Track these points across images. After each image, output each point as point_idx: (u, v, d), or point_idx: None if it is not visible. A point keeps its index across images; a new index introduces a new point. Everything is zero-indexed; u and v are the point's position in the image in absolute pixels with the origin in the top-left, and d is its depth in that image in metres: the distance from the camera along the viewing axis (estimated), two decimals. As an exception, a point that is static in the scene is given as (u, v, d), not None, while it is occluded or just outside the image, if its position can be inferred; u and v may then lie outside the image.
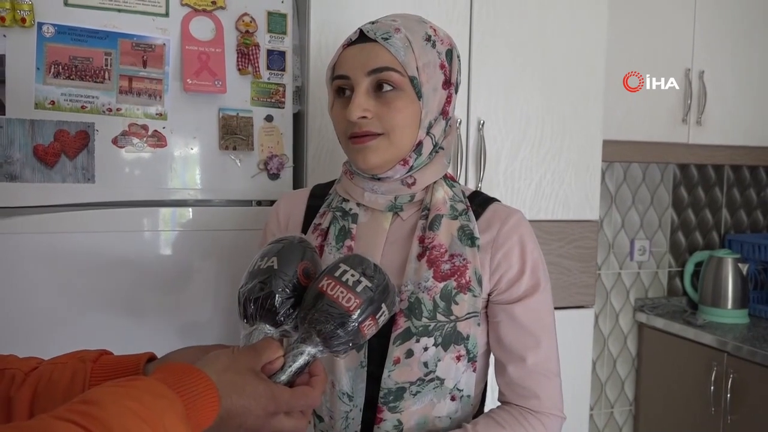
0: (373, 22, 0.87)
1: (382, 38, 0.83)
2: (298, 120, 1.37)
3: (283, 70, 1.29)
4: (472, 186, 1.48)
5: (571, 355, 0.92)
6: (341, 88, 0.87)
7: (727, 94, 2.03)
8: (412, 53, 0.84)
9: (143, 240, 1.23)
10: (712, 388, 1.95)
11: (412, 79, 0.84)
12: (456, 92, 0.92)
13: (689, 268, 2.35)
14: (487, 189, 1.48)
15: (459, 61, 0.92)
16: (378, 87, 0.84)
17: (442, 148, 0.91)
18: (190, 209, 1.26)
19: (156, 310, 1.24)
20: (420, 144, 0.87)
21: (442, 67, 0.87)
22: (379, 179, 0.88)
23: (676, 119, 1.97)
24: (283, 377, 0.67)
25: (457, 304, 0.84)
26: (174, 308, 1.25)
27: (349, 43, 0.86)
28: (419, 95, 0.85)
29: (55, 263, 1.16)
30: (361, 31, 0.86)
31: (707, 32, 1.99)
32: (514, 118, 1.51)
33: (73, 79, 1.14)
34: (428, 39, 0.87)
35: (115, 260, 1.20)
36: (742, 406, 1.89)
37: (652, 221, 2.35)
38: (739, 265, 2.18)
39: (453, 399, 0.87)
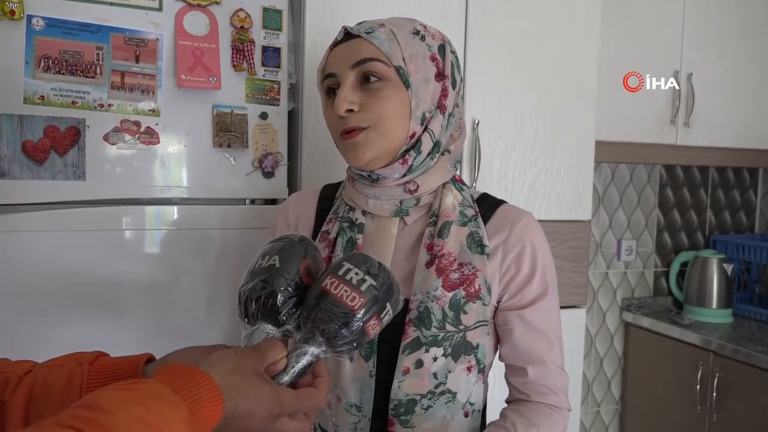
0: (360, 23, 0.88)
1: (366, 32, 0.84)
2: (292, 118, 1.36)
3: (279, 66, 1.28)
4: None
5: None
6: (331, 89, 0.87)
7: (715, 96, 2.06)
8: (397, 44, 0.84)
9: (135, 239, 1.21)
10: (697, 386, 1.97)
11: (398, 69, 0.83)
12: (454, 88, 0.89)
13: (675, 268, 2.37)
14: (480, 189, 1.47)
15: (455, 57, 0.90)
16: (365, 80, 0.83)
17: (448, 152, 0.90)
18: (182, 208, 1.24)
19: (150, 310, 1.21)
20: (417, 139, 0.85)
21: (433, 59, 0.86)
22: (377, 181, 0.87)
23: (665, 121, 1.99)
24: (286, 378, 0.66)
25: (466, 313, 0.84)
26: (168, 308, 1.23)
27: (336, 44, 0.87)
28: (407, 84, 0.84)
29: (44, 262, 1.14)
30: (345, 30, 0.86)
31: (696, 35, 2.01)
32: (509, 118, 1.52)
33: (63, 74, 1.12)
34: (416, 33, 0.86)
35: (106, 259, 1.18)
36: (727, 404, 1.91)
37: (638, 222, 2.38)
38: (724, 265, 2.21)
39: (466, 415, 0.87)
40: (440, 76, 0.87)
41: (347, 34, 0.86)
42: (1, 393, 0.66)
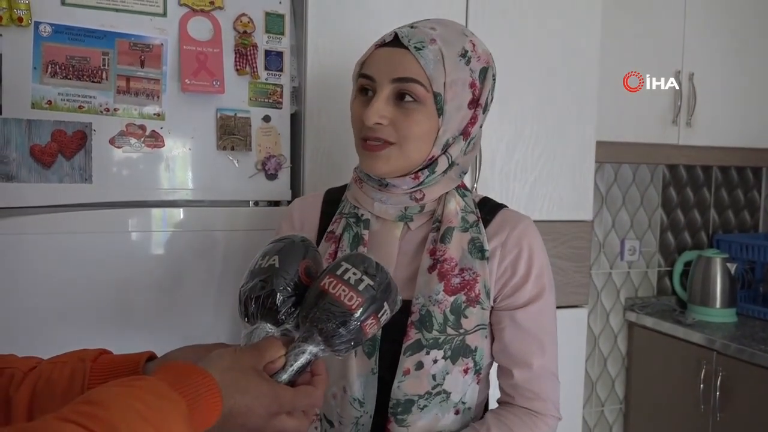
0: (411, 26, 0.86)
1: (415, 47, 0.82)
2: (295, 121, 1.38)
3: (281, 70, 1.29)
4: (467, 185, 1.49)
5: (565, 355, 0.93)
6: (364, 88, 0.86)
7: (717, 96, 2.06)
8: (442, 68, 0.82)
9: (140, 241, 1.23)
10: (701, 386, 1.97)
11: (435, 95, 0.83)
12: (484, 113, 0.89)
13: (678, 268, 2.37)
14: (482, 189, 1.49)
15: (494, 80, 0.89)
16: (400, 96, 0.83)
17: (457, 164, 0.90)
18: (187, 210, 1.26)
19: (155, 311, 1.23)
20: (433, 161, 0.87)
21: (472, 85, 0.86)
22: (386, 186, 0.88)
23: (667, 120, 1.99)
24: (285, 376, 0.67)
25: (466, 317, 0.85)
26: (174, 309, 1.25)
27: (382, 44, 0.85)
28: (440, 112, 0.84)
29: (52, 264, 1.16)
30: (396, 34, 0.84)
31: (697, 34, 2.01)
32: (509, 119, 1.53)
33: (70, 79, 1.14)
34: (463, 55, 0.84)
35: (113, 261, 1.20)
36: (731, 404, 1.91)
37: (642, 221, 2.38)
38: (728, 264, 2.21)
39: (457, 413, 0.88)
40: (474, 103, 0.87)
41: (396, 39, 0.83)
42: (7, 388, 0.68)
